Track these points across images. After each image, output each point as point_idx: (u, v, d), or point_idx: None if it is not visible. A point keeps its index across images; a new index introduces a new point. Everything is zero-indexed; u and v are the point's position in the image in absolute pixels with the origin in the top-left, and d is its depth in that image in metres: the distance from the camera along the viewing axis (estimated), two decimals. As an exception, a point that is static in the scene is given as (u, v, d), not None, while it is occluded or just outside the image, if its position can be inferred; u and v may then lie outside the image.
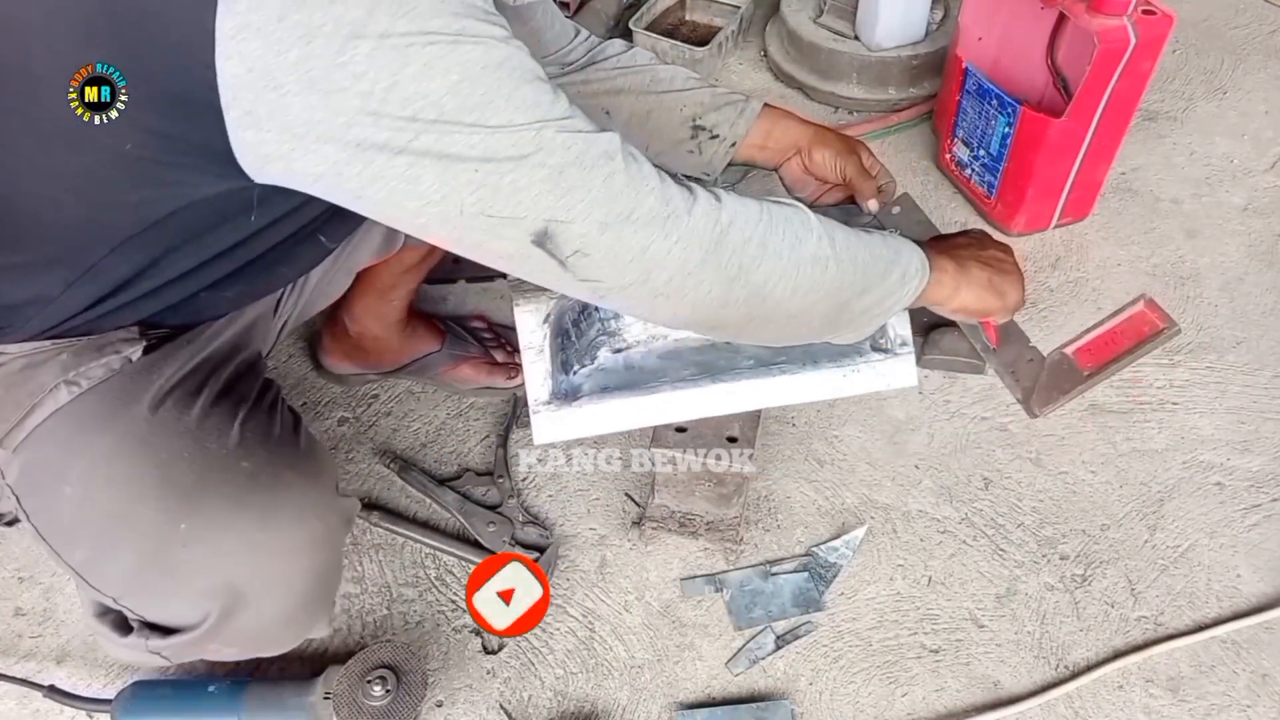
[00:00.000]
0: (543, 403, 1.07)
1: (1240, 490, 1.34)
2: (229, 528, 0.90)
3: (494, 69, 0.68)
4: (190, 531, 0.88)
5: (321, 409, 1.46)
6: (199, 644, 0.94)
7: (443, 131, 0.67)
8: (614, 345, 1.16)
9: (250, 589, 0.91)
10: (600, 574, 1.28)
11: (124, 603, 0.93)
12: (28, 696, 1.16)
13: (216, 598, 0.90)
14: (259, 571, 0.91)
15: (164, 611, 0.93)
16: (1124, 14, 1.40)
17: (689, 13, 2.14)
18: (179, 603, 0.92)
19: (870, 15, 1.84)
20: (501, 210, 0.71)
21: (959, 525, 1.31)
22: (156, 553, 0.89)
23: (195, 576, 0.90)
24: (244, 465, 0.93)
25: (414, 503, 1.35)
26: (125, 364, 0.92)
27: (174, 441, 0.91)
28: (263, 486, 0.93)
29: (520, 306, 1.07)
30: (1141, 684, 1.16)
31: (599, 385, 1.10)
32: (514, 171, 0.70)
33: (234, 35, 0.62)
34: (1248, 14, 2.12)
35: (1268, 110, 1.90)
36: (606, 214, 0.74)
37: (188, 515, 0.88)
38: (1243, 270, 1.62)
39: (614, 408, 1.08)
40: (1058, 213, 1.65)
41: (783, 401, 1.11)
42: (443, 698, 1.17)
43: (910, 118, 1.89)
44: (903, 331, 1.11)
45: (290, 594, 0.95)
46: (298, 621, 1.00)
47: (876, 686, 1.17)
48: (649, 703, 1.16)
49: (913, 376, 1.12)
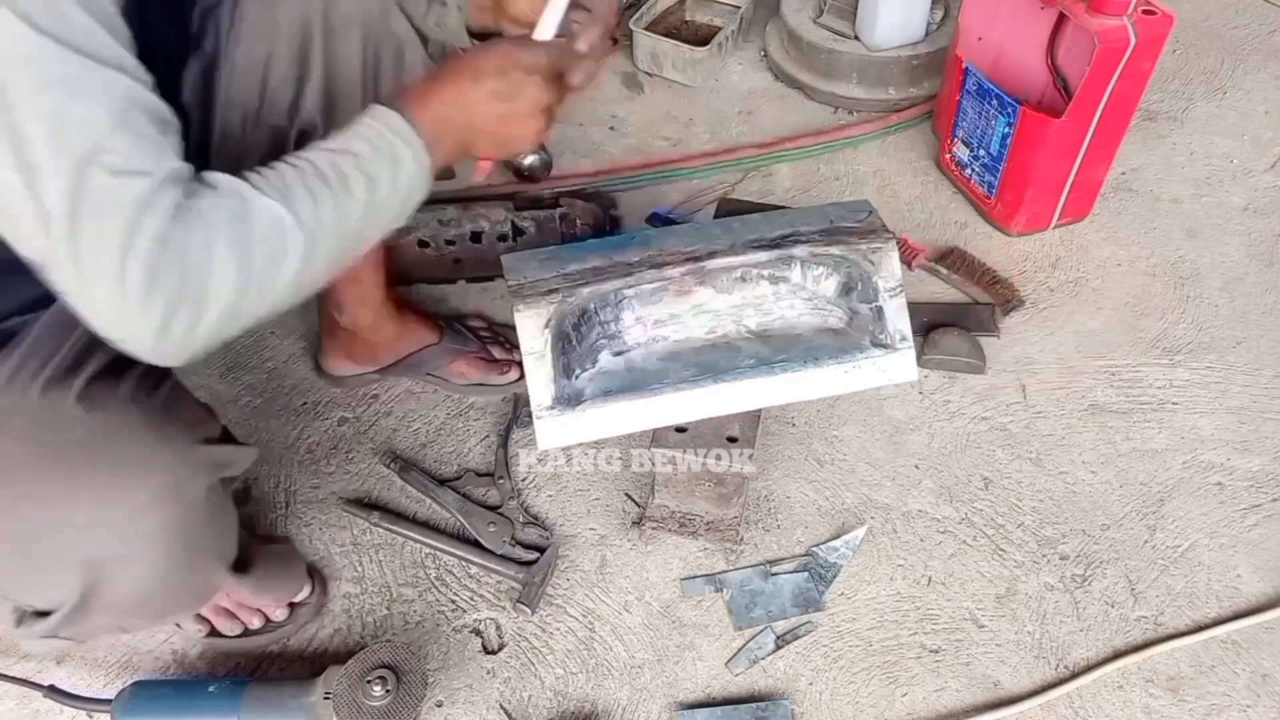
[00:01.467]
0: (546, 408, 1.07)
1: (1240, 490, 1.34)
2: (66, 500, 0.87)
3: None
4: (32, 511, 0.87)
5: (321, 409, 1.46)
6: (80, 619, 0.93)
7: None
8: (614, 348, 1.16)
9: (105, 556, 0.89)
10: (600, 574, 1.28)
11: (6, 595, 0.93)
12: (28, 696, 1.16)
13: (73, 571, 0.89)
14: (107, 538, 0.89)
15: (34, 595, 0.93)
16: (1124, 14, 1.40)
17: (689, 13, 2.14)
18: (42, 584, 0.92)
19: (870, 15, 1.84)
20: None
21: (959, 525, 1.31)
22: (9, 539, 0.88)
23: (48, 555, 0.89)
24: (77, 434, 0.89)
25: (414, 503, 1.35)
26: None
27: (12, 421, 0.88)
28: (97, 453, 0.89)
29: (521, 312, 1.07)
30: (1141, 684, 1.16)
31: (601, 389, 1.10)
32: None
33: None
34: (1248, 14, 2.12)
35: (1268, 110, 1.90)
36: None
37: (26, 495, 0.87)
38: (1243, 270, 1.62)
39: (617, 411, 1.08)
40: (1058, 213, 1.65)
41: (785, 399, 1.11)
42: (443, 698, 1.17)
43: (910, 118, 1.89)
44: (902, 327, 1.12)
45: (152, 553, 0.92)
46: (179, 580, 0.97)
47: (876, 686, 1.17)
48: (649, 703, 1.16)
49: (913, 371, 1.12)
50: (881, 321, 1.13)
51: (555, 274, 1.10)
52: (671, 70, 2.00)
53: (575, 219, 1.59)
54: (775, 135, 1.87)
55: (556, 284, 1.10)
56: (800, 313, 1.18)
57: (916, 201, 1.75)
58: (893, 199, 1.76)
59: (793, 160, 1.83)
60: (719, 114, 1.95)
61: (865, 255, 1.13)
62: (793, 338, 1.16)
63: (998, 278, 1.59)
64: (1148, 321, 1.55)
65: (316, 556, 1.29)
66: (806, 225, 1.17)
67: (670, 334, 1.16)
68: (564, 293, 1.09)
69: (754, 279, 1.17)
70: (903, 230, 1.67)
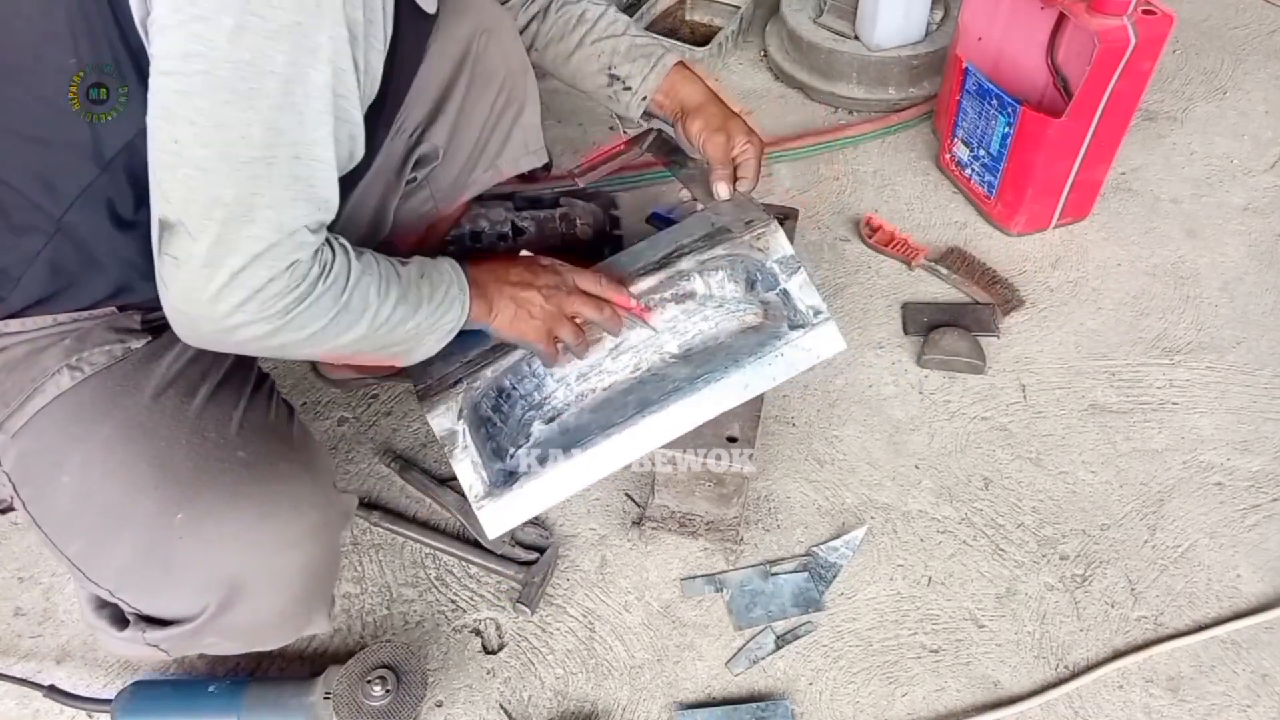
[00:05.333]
0: (481, 496, 1.07)
1: (1240, 490, 1.34)
2: (226, 520, 0.89)
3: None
4: (187, 524, 0.88)
5: (321, 409, 1.46)
6: (195, 636, 0.94)
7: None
8: (545, 416, 1.16)
9: (247, 581, 0.91)
10: (600, 574, 1.28)
11: (120, 596, 0.93)
12: (28, 696, 1.16)
13: (213, 590, 0.90)
14: (256, 564, 0.91)
15: (160, 604, 0.93)
16: (1124, 14, 1.40)
17: (689, 13, 2.15)
18: (176, 595, 0.92)
19: (870, 15, 1.84)
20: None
21: (959, 525, 1.31)
22: (153, 545, 0.89)
23: (192, 569, 0.90)
24: (240, 455, 0.92)
25: (414, 503, 1.35)
26: (128, 353, 0.92)
27: (173, 431, 0.91)
28: (260, 478, 0.92)
29: (430, 412, 1.08)
30: (1141, 684, 1.16)
31: (537, 459, 1.10)
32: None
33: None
34: (1248, 14, 2.12)
35: (1268, 110, 1.90)
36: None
37: (184, 507, 0.88)
38: (1243, 270, 1.62)
39: (553, 477, 1.07)
40: (1058, 213, 1.65)
41: (719, 409, 1.09)
42: (443, 698, 1.17)
43: (910, 118, 1.89)
44: (812, 301, 1.10)
45: (287, 587, 0.95)
46: (295, 615, 0.99)
47: (876, 686, 1.17)
48: (649, 703, 1.16)
49: (838, 340, 1.10)
50: (791, 302, 1.11)
51: (456, 365, 1.11)
52: (671, 70, 2.00)
53: (575, 219, 1.59)
54: (775, 135, 1.87)
55: (459, 374, 1.10)
56: (716, 321, 1.17)
57: (916, 201, 1.75)
58: (893, 199, 1.76)
59: (793, 160, 1.83)
60: (719, 114, 1.95)
61: (750, 244, 1.12)
62: (716, 348, 1.15)
63: (998, 278, 1.59)
64: (1148, 321, 1.55)
65: (316, 556, 1.29)
66: (688, 236, 1.17)
67: (596, 384, 1.16)
68: (467, 380, 1.10)
69: (659, 304, 1.16)
70: (903, 230, 1.67)
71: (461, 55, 1.14)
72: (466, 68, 1.15)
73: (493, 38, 1.16)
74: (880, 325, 1.55)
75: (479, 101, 1.18)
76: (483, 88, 1.18)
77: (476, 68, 1.16)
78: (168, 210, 0.77)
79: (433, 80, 1.13)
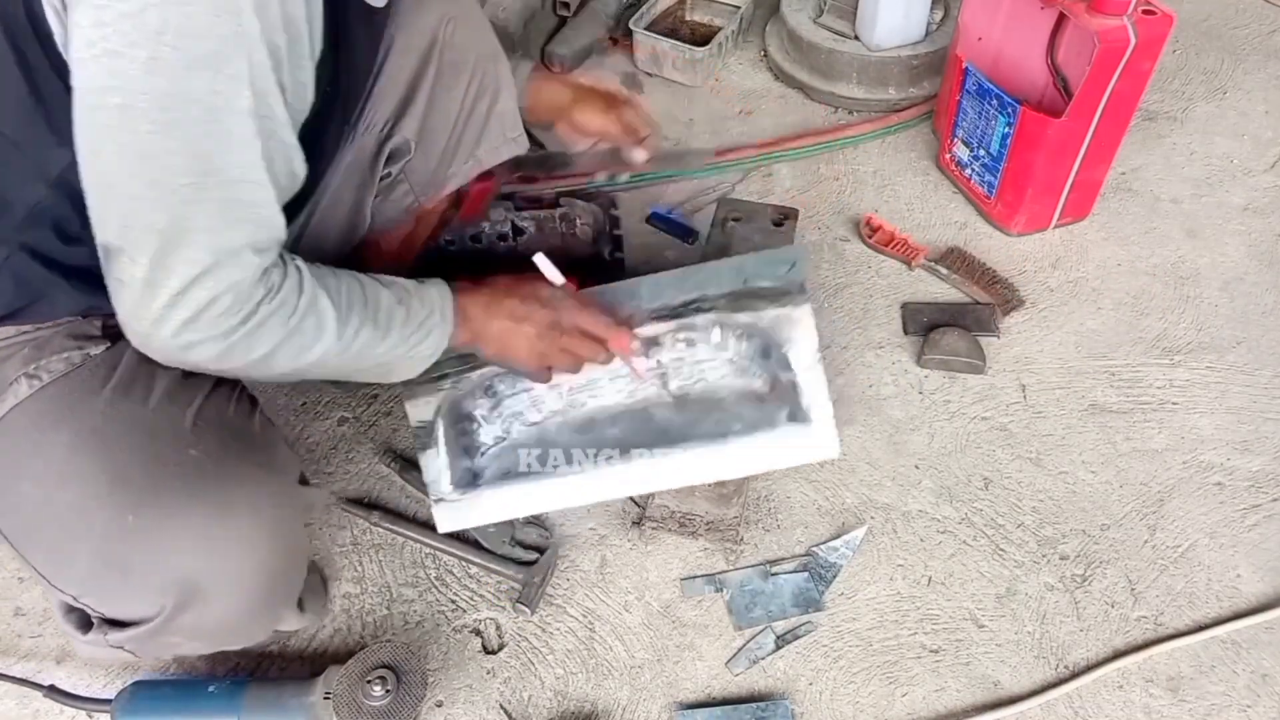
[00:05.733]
0: (440, 493, 1.06)
1: (1240, 490, 1.34)
2: (179, 521, 0.89)
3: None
4: (139, 525, 0.87)
5: (321, 409, 1.46)
6: (155, 637, 0.93)
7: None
8: (529, 418, 1.16)
9: (204, 582, 0.90)
10: (600, 574, 1.28)
11: (83, 601, 0.93)
12: (28, 696, 1.16)
13: (169, 592, 0.89)
14: (209, 564, 0.90)
15: (121, 607, 0.93)
16: (1124, 14, 1.40)
17: (689, 13, 2.15)
18: (133, 597, 0.91)
19: (870, 15, 1.84)
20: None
21: (959, 525, 1.31)
22: (109, 549, 0.88)
23: (148, 571, 0.89)
24: (192, 454, 0.91)
25: (414, 503, 1.35)
26: (86, 359, 0.92)
27: (127, 434, 0.90)
28: (213, 476, 0.91)
29: (411, 402, 1.08)
30: (1141, 684, 1.16)
31: (504, 468, 1.09)
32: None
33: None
34: (1248, 14, 2.12)
35: (1268, 110, 1.90)
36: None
37: (136, 509, 0.87)
38: (1243, 270, 1.62)
39: (512, 495, 1.08)
40: (1058, 213, 1.65)
41: (688, 481, 1.09)
42: (443, 698, 1.17)
43: (910, 118, 1.89)
44: (819, 400, 1.09)
45: (247, 586, 0.93)
46: (258, 614, 0.98)
47: (876, 686, 1.17)
48: (649, 703, 1.16)
49: (833, 445, 1.09)
50: (797, 395, 1.10)
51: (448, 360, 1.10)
52: (671, 70, 2.00)
53: (575, 219, 1.59)
54: (775, 135, 1.87)
55: (448, 369, 1.10)
56: (723, 374, 1.16)
57: (916, 201, 1.75)
58: (893, 199, 1.76)
59: (793, 160, 1.83)
60: (719, 114, 1.95)
61: (774, 321, 1.11)
62: (713, 404, 1.15)
63: (998, 278, 1.59)
64: (1148, 321, 1.55)
65: (317, 556, 1.29)
66: (715, 288, 1.14)
67: (587, 399, 1.15)
68: (453, 378, 1.10)
69: (669, 343, 1.15)
70: (903, 230, 1.67)
71: (428, 45, 1.13)
72: (434, 58, 1.13)
73: (459, 25, 1.14)
74: (880, 325, 1.55)
75: (449, 91, 1.16)
76: (452, 77, 1.16)
77: (444, 57, 1.14)
78: (107, 235, 0.77)
79: (400, 73, 1.11)
